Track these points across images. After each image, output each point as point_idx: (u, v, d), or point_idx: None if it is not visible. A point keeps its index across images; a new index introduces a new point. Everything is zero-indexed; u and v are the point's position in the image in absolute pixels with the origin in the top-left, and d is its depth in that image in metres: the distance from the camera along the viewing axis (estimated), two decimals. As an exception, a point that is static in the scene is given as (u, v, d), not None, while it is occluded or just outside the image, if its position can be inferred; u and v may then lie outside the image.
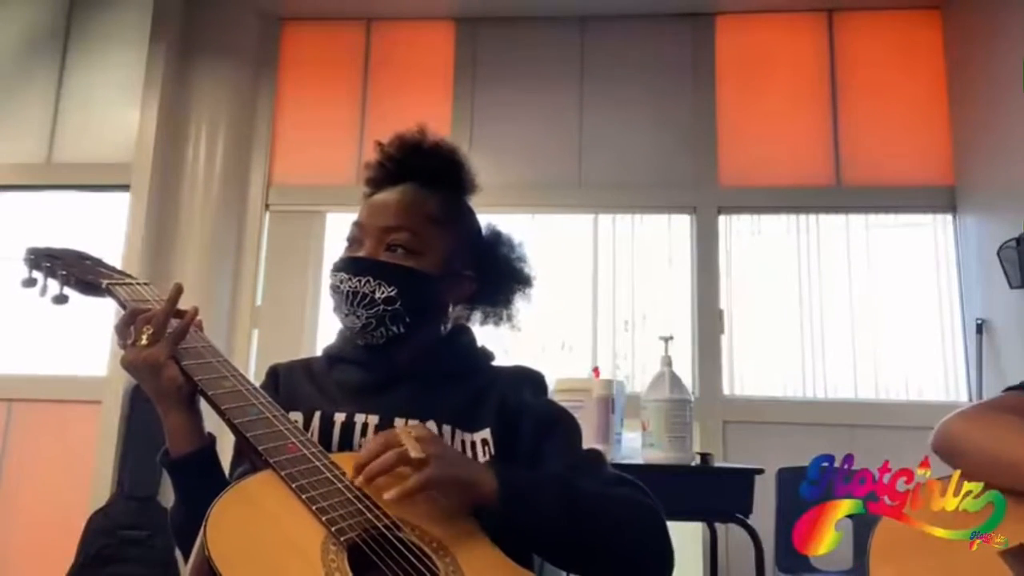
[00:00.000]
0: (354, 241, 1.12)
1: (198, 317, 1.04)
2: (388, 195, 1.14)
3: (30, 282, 1.11)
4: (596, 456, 1.09)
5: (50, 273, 1.11)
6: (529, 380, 1.16)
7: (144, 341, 0.99)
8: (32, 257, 1.13)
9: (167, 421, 1.00)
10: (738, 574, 3.12)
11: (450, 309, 1.18)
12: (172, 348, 0.99)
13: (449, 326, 1.19)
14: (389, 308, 1.07)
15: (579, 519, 0.92)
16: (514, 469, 0.98)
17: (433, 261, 1.11)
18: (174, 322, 1.01)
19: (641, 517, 0.97)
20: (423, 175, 1.16)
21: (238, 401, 0.96)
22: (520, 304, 1.21)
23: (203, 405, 1.00)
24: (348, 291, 1.07)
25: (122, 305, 1.06)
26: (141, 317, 1.00)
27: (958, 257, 3.57)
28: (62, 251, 1.16)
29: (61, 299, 1.11)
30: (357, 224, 1.13)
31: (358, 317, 1.08)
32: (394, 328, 1.09)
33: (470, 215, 1.20)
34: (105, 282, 1.10)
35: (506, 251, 1.21)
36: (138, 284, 1.11)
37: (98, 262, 1.17)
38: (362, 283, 1.07)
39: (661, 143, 3.79)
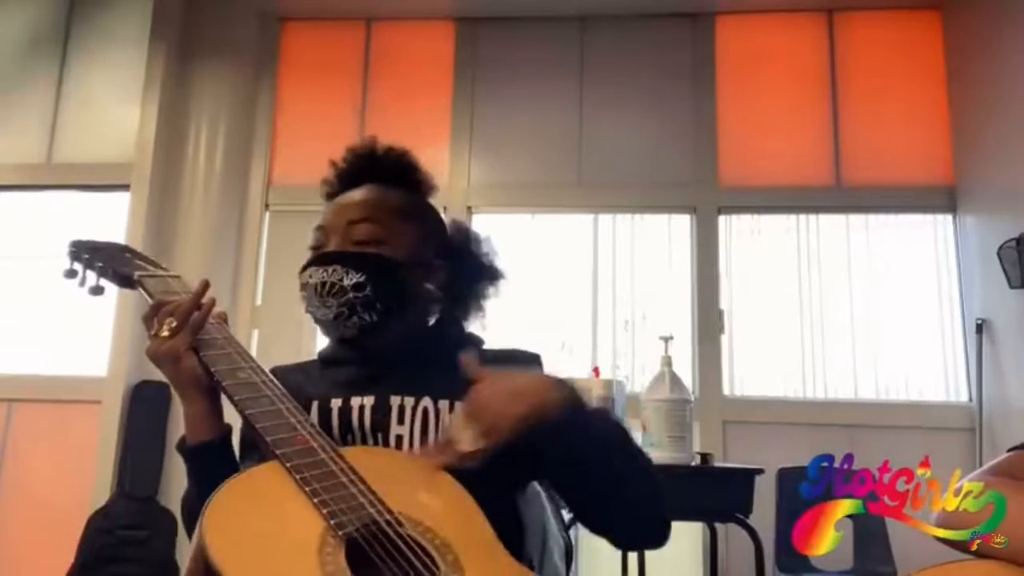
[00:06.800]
0: (319, 246, 1.13)
1: (222, 309, 1.08)
2: (349, 194, 1.15)
3: (71, 273, 1.16)
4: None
5: (88, 265, 1.16)
6: (521, 361, 1.14)
7: (165, 332, 1.02)
8: (74, 249, 1.18)
9: (186, 409, 1.03)
10: (738, 574, 3.12)
11: (428, 297, 1.16)
12: (190, 339, 1.02)
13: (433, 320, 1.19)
14: (359, 295, 1.07)
15: (624, 452, 1.00)
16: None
17: (400, 249, 1.11)
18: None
19: (656, 485, 1.02)
20: (380, 178, 1.18)
21: (251, 392, 0.98)
22: (491, 299, 1.21)
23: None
24: (316, 283, 1.07)
25: (150, 297, 1.09)
26: (164, 309, 1.04)
27: (958, 257, 3.57)
28: (104, 244, 1.21)
29: (97, 290, 1.16)
30: (320, 228, 1.13)
31: (328, 307, 1.07)
32: (366, 316, 1.08)
33: (433, 211, 1.21)
34: (137, 274, 1.14)
35: (475, 247, 1.20)
36: (168, 277, 1.15)
37: (136, 254, 1.22)
38: (330, 272, 1.07)
39: (661, 143, 3.79)
